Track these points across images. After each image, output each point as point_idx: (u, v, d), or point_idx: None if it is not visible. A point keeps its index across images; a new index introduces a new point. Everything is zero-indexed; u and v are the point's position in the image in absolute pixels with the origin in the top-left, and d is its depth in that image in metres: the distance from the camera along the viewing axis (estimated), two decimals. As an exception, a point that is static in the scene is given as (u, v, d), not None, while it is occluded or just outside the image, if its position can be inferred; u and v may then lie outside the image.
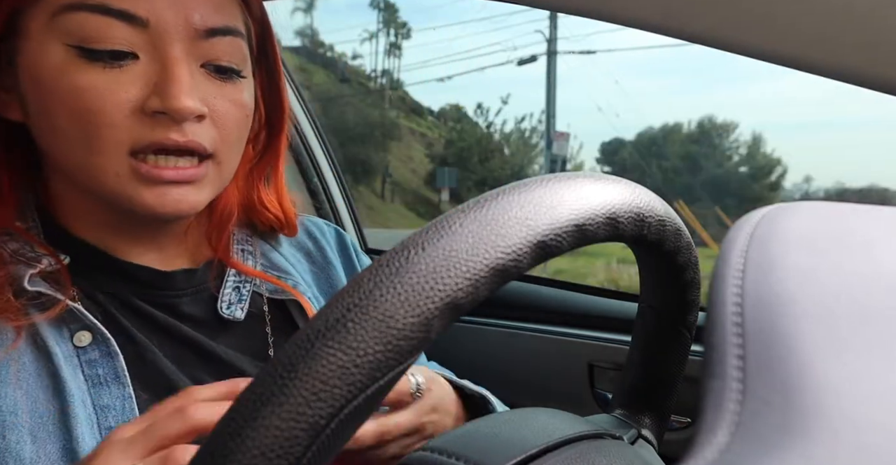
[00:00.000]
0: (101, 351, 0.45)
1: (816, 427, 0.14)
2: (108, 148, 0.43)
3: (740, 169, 21.25)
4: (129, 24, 0.42)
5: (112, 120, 0.43)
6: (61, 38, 0.42)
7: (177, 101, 0.43)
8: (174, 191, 0.45)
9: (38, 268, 0.45)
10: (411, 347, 0.23)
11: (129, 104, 0.43)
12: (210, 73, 0.47)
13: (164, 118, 0.44)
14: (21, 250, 0.46)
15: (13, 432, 0.41)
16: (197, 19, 0.44)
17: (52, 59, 0.42)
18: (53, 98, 0.43)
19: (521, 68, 20.05)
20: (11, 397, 0.42)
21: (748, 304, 0.18)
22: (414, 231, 0.25)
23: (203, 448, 0.22)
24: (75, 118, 0.43)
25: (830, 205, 0.22)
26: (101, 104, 0.42)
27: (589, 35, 21.11)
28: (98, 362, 0.45)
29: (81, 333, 0.45)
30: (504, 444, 0.31)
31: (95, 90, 0.42)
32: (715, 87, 44.46)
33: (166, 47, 0.44)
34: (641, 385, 0.44)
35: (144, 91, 0.43)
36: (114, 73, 0.43)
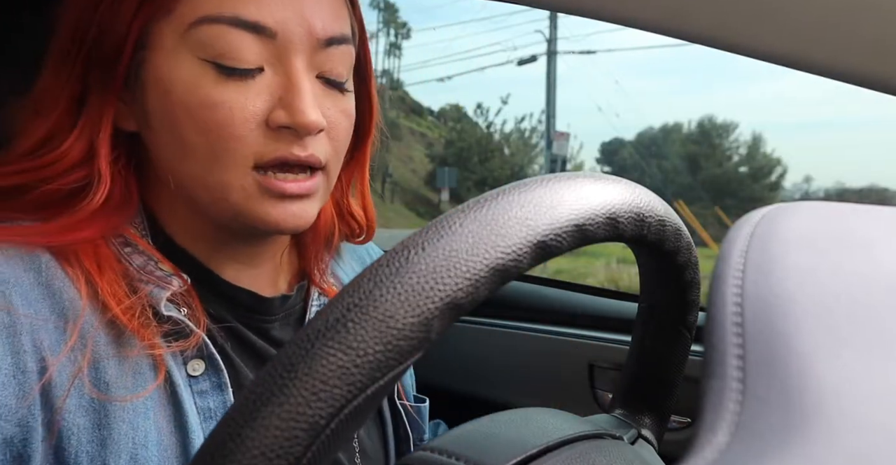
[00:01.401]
0: (212, 383, 0.44)
1: (816, 427, 0.14)
2: (234, 163, 0.43)
3: (740, 169, 21.25)
4: (258, 36, 0.42)
5: (240, 133, 0.42)
6: (194, 51, 0.42)
7: (304, 116, 0.42)
8: (295, 205, 0.45)
9: (170, 290, 0.43)
10: (411, 347, 0.23)
11: (256, 118, 0.43)
12: (324, 84, 0.46)
13: (288, 132, 0.43)
14: (147, 267, 0.44)
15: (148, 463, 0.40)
16: (319, 28, 0.44)
17: (184, 73, 0.42)
18: (183, 111, 0.42)
19: (521, 68, 20.06)
20: (143, 429, 0.40)
21: (748, 304, 0.18)
22: (414, 231, 0.25)
23: (203, 448, 0.22)
24: (204, 132, 0.42)
25: (830, 205, 0.22)
26: (231, 118, 0.42)
27: (589, 35, 21.13)
28: (209, 394, 0.44)
29: (196, 361, 0.44)
30: (504, 444, 0.31)
31: (225, 104, 0.42)
32: (715, 87, 44.45)
33: (291, 59, 0.43)
34: (641, 385, 0.44)
35: (269, 104, 0.43)
36: (244, 87, 0.42)
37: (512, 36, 36.73)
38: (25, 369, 0.37)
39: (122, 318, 0.40)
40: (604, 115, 27.96)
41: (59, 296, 0.40)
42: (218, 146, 0.42)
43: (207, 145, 0.42)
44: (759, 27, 0.52)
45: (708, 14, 0.52)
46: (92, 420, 0.39)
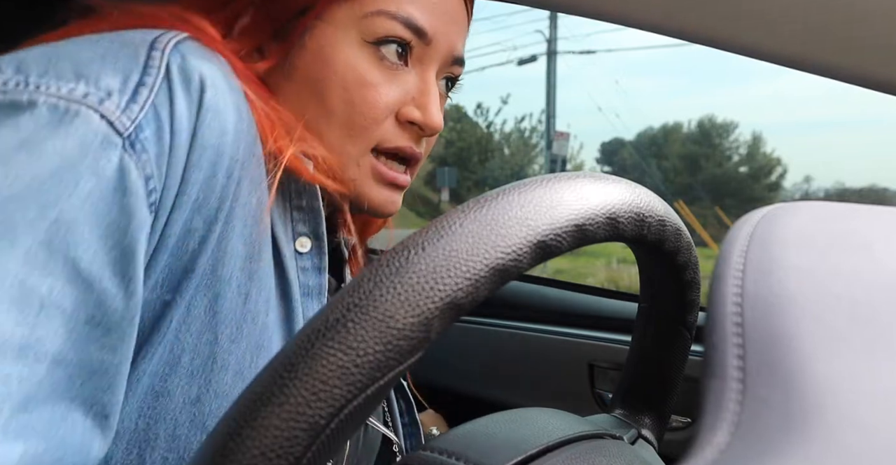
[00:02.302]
0: (314, 263, 0.47)
1: (816, 427, 0.14)
2: (362, 139, 0.47)
3: (740, 169, 21.25)
4: (417, 37, 0.47)
5: (378, 116, 0.47)
6: (361, 34, 0.46)
7: (435, 118, 0.48)
8: (395, 194, 0.50)
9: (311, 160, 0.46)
10: (411, 347, 0.23)
11: (393, 107, 0.48)
12: (441, 92, 0.52)
13: (413, 128, 0.49)
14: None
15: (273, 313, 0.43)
16: (458, 47, 0.51)
17: (345, 50, 0.46)
18: (337, 83, 0.46)
19: (521, 68, 20.06)
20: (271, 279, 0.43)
21: (748, 304, 0.18)
22: (414, 231, 0.25)
23: (203, 448, 0.22)
24: (350, 104, 0.46)
25: (830, 205, 0.22)
26: (376, 99, 0.47)
27: (589, 35, 21.15)
28: (310, 271, 0.47)
29: (304, 238, 0.47)
30: (504, 444, 0.31)
31: (376, 87, 0.47)
32: (715, 87, 44.46)
33: (430, 65, 0.49)
34: (641, 385, 0.44)
35: (404, 99, 0.48)
36: (391, 75, 0.47)
37: (512, 36, 36.70)
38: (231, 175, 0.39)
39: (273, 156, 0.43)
40: (604, 115, 27.96)
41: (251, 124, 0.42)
42: (356, 121, 0.47)
43: (347, 116, 0.47)
44: (759, 27, 0.52)
45: (708, 14, 0.52)
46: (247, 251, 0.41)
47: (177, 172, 0.36)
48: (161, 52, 0.37)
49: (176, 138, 0.36)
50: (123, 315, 0.34)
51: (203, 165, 0.37)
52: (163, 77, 0.36)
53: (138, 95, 0.35)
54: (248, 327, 0.41)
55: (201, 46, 0.40)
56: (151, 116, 0.35)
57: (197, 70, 0.38)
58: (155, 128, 0.35)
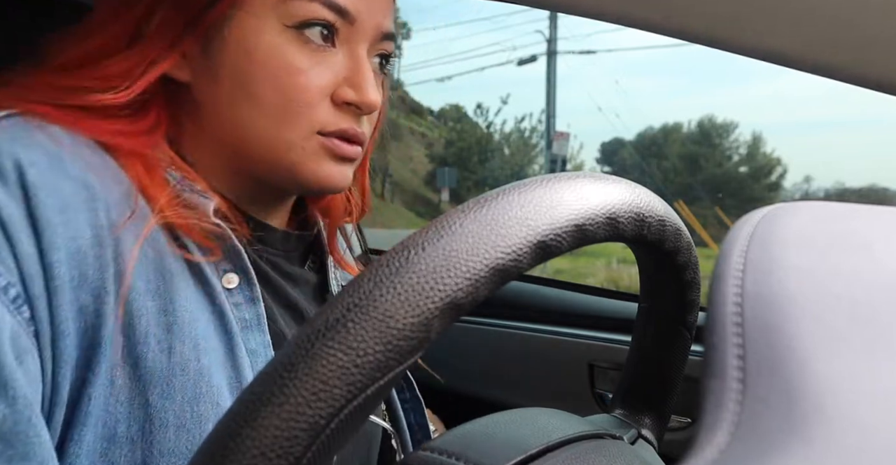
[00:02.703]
0: (245, 296, 0.46)
1: (816, 427, 0.14)
2: (301, 125, 0.47)
3: (740, 169, 21.25)
4: (340, 17, 0.47)
5: (312, 100, 0.46)
6: (282, 19, 0.45)
7: (370, 95, 0.47)
8: (344, 167, 0.49)
9: (215, 202, 0.46)
10: (411, 347, 0.23)
11: (325, 90, 0.47)
12: (374, 69, 0.51)
13: (351, 109, 0.48)
14: (185, 181, 0.46)
15: (206, 356, 0.41)
16: (385, 23, 0.50)
17: (266, 37, 0.45)
18: (263, 73, 0.45)
19: (521, 68, 20.05)
20: (202, 322, 0.42)
21: (748, 304, 0.18)
22: (414, 231, 0.25)
23: (203, 448, 0.22)
24: (280, 93, 0.46)
25: (830, 205, 0.22)
26: (307, 84, 0.46)
27: (589, 35, 21.12)
28: (243, 305, 0.46)
29: (230, 275, 0.46)
30: (504, 444, 0.31)
31: (305, 71, 0.46)
32: (715, 87, 44.45)
33: (360, 44, 0.48)
34: (641, 385, 0.44)
35: (336, 80, 0.47)
36: (318, 58, 0.46)
37: (512, 36, 36.70)
38: (102, 242, 0.38)
39: (167, 211, 0.42)
40: (604, 115, 27.93)
41: (122, 182, 0.42)
42: (290, 108, 0.46)
43: (280, 106, 0.46)
44: (759, 27, 0.52)
45: (708, 14, 0.52)
46: (159, 306, 0.40)
47: (31, 259, 0.35)
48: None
49: (9, 228, 0.35)
50: (16, 420, 0.33)
51: (58, 243, 0.36)
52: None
53: None
54: (179, 380, 0.40)
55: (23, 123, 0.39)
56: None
57: (8, 154, 0.36)
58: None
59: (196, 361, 0.41)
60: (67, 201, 0.37)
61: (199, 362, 0.41)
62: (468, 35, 39.28)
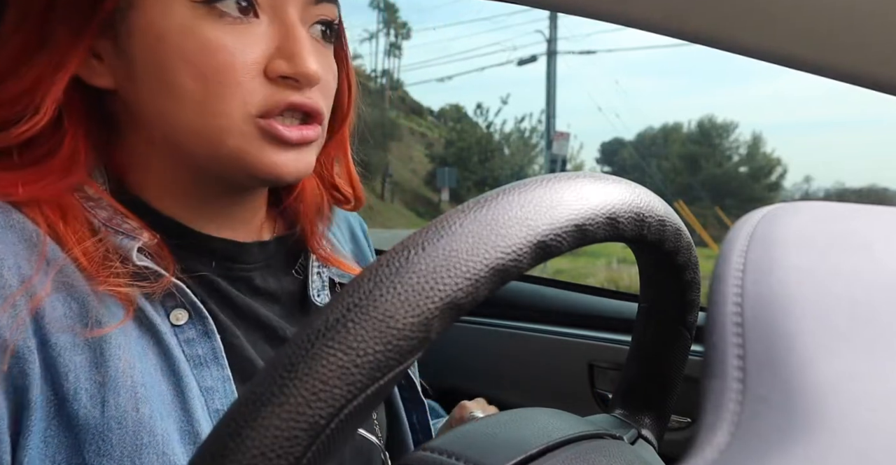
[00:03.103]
0: (198, 331, 0.44)
1: (816, 427, 0.14)
2: (234, 109, 0.42)
3: (740, 169, 21.25)
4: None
5: (240, 80, 0.42)
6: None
7: (306, 65, 0.42)
8: (296, 153, 0.44)
9: (141, 241, 0.43)
10: (411, 347, 0.23)
11: (255, 66, 0.42)
12: (315, 38, 0.46)
13: (288, 83, 0.43)
14: (114, 221, 0.43)
15: (146, 405, 0.39)
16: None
17: (176, 18, 0.41)
18: (178, 57, 0.41)
19: (521, 68, 20.05)
20: (139, 369, 0.40)
21: (748, 304, 0.18)
22: (414, 231, 0.25)
23: (203, 448, 0.22)
24: (201, 78, 0.41)
25: (830, 205, 0.22)
26: (230, 62, 0.41)
27: (589, 35, 21.12)
28: (196, 341, 0.43)
29: (178, 311, 0.44)
30: (504, 444, 0.31)
31: (225, 48, 0.41)
32: (715, 87, 44.44)
33: (286, 8, 0.43)
34: (641, 385, 0.44)
35: (267, 53, 0.42)
36: (239, 31, 0.42)
37: (512, 36, 36.69)
38: (16, 304, 0.37)
39: (82, 259, 0.40)
40: (604, 115, 27.93)
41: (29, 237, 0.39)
42: (216, 92, 0.41)
43: (204, 92, 0.41)
44: (759, 27, 0.52)
45: (708, 14, 0.52)
46: (88, 359, 0.38)
47: None
48: None
49: None
50: None
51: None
52: None
53: None
54: (116, 434, 0.38)
55: None
56: None
57: None
58: None
59: (134, 411, 0.39)
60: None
61: (138, 412, 0.39)
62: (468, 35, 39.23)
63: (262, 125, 0.43)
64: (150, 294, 0.42)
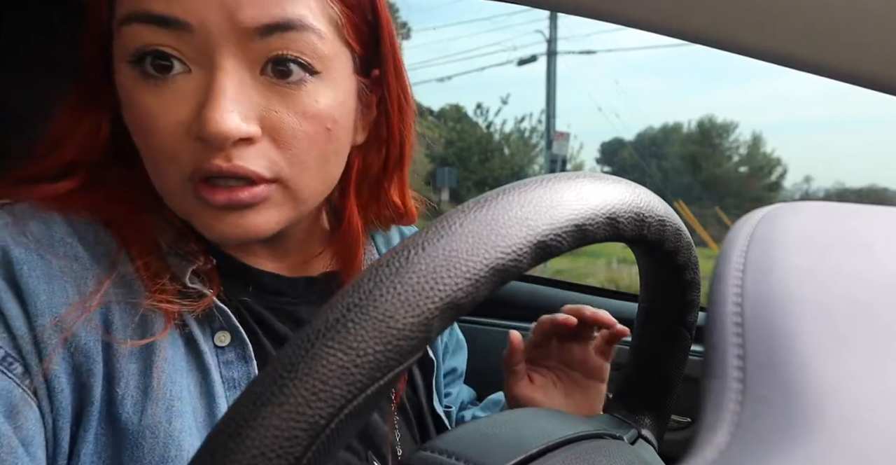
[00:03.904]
0: (238, 354, 0.45)
1: (817, 427, 0.14)
2: (169, 172, 0.41)
3: (740, 169, 21.25)
4: (174, 32, 0.38)
5: (166, 143, 0.40)
6: (124, 56, 0.40)
7: (210, 124, 0.38)
8: (236, 216, 0.42)
9: (197, 264, 0.45)
10: (411, 347, 0.23)
11: (180, 127, 0.39)
12: (272, 80, 0.40)
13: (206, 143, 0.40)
14: (176, 243, 0.46)
15: (179, 419, 0.40)
16: (246, 16, 0.38)
17: (123, 81, 0.41)
18: (128, 120, 0.42)
19: (521, 68, 20.03)
20: (178, 384, 0.41)
21: (748, 304, 0.18)
22: (414, 231, 0.25)
23: (203, 448, 0.22)
24: (143, 140, 0.42)
25: (830, 205, 0.22)
26: (156, 127, 0.40)
27: (589, 35, 21.10)
28: (234, 364, 0.45)
29: (222, 333, 0.45)
30: (504, 444, 0.31)
31: (149, 111, 0.40)
32: (715, 87, 44.46)
33: (213, 55, 0.38)
34: (641, 385, 0.44)
35: (194, 111, 0.39)
36: (164, 92, 0.39)
37: (512, 36, 36.67)
38: (89, 306, 0.40)
39: (143, 273, 0.43)
40: (604, 115, 27.91)
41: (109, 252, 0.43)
42: (154, 154, 0.41)
43: (148, 153, 0.42)
44: (759, 27, 0.52)
45: (708, 14, 0.52)
46: (138, 368, 0.40)
47: (19, 322, 0.37)
48: None
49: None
50: None
51: (43, 309, 0.38)
52: None
53: None
54: (148, 442, 0.39)
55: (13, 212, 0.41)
56: None
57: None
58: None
59: (167, 423, 0.40)
60: (53, 273, 0.39)
61: (171, 424, 0.40)
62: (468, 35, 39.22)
63: (193, 188, 0.41)
64: (193, 312, 0.44)
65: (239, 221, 0.42)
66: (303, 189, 0.44)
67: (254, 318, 0.48)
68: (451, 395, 0.70)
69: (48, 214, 0.42)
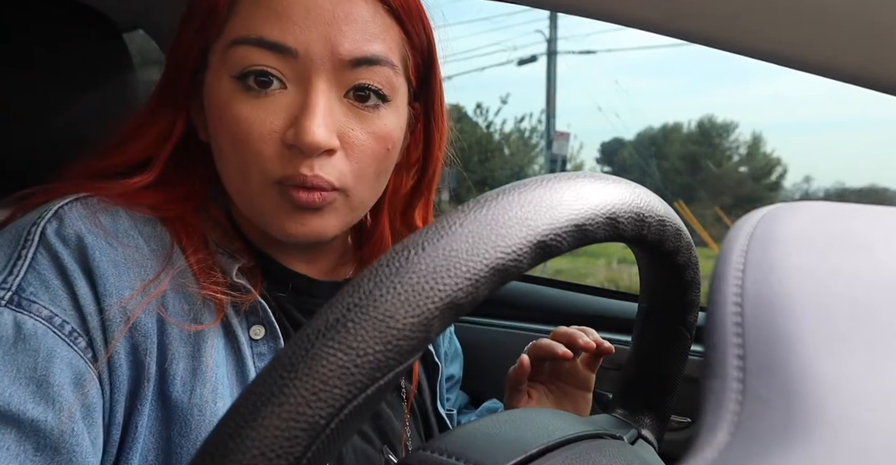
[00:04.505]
0: (269, 347, 0.49)
1: (816, 427, 0.14)
2: (254, 176, 0.46)
3: (740, 169, 21.24)
4: (280, 55, 0.45)
5: (258, 149, 0.46)
6: (228, 70, 0.46)
7: (306, 135, 0.44)
8: (307, 218, 0.48)
9: (242, 262, 0.50)
10: (411, 347, 0.23)
11: (273, 135, 0.45)
12: (353, 103, 0.47)
13: (299, 151, 0.45)
14: (223, 241, 0.51)
15: (221, 400, 0.45)
16: (345, 49, 0.45)
17: (221, 90, 0.46)
18: (220, 126, 0.47)
19: (521, 68, 20.03)
20: (222, 368, 0.46)
21: (748, 304, 0.18)
22: (414, 231, 0.25)
23: (203, 448, 0.22)
24: (232, 146, 0.46)
25: (830, 205, 0.22)
26: (249, 134, 0.45)
27: (589, 35, 21.09)
28: (265, 356, 0.49)
29: (257, 326, 0.49)
30: (504, 444, 0.31)
31: (247, 120, 0.45)
32: (715, 87, 44.45)
33: (311, 78, 0.45)
34: (642, 385, 0.44)
35: (287, 123, 0.45)
36: (263, 104, 0.45)
37: (512, 36, 36.65)
38: (149, 293, 0.44)
39: (195, 266, 0.47)
40: (604, 115, 27.90)
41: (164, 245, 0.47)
42: (244, 160, 0.46)
43: (236, 159, 0.47)
44: (759, 27, 0.52)
45: (708, 14, 0.52)
46: (188, 351, 0.45)
47: (87, 300, 0.42)
48: (37, 226, 0.43)
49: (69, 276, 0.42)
50: (62, 430, 0.38)
51: (111, 290, 0.42)
52: (36, 246, 0.42)
53: (15, 267, 0.41)
54: (196, 419, 0.44)
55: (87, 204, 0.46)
56: (32, 277, 0.41)
57: (71, 227, 0.44)
58: (39, 283, 0.41)
59: (213, 403, 0.44)
60: (119, 260, 0.44)
61: (216, 404, 0.44)
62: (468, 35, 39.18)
63: (280, 191, 0.47)
64: (238, 306, 0.49)
65: (310, 222, 0.48)
66: (360, 199, 0.50)
67: (286, 315, 0.53)
68: (451, 400, 0.73)
69: (115, 208, 0.47)
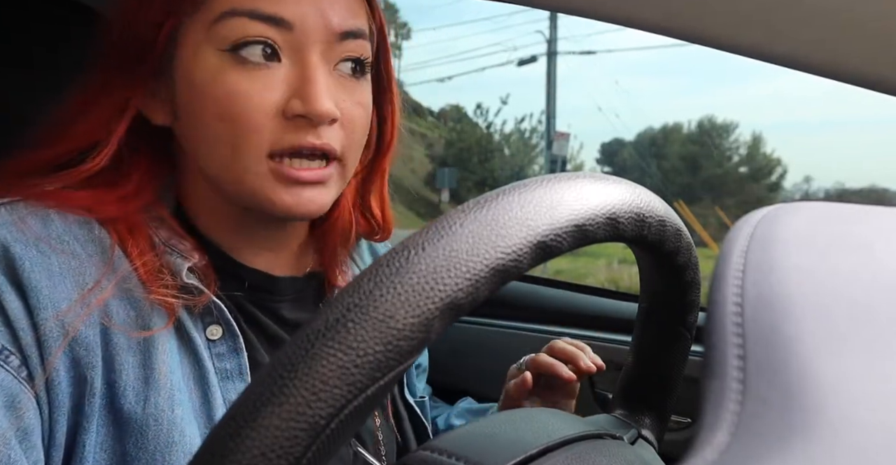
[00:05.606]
0: (228, 346, 0.48)
1: (816, 427, 0.14)
2: (251, 150, 0.45)
3: (740, 169, 21.23)
4: (276, 27, 0.44)
5: (257, 122, 0.45)
6: (215, 44, 0.45)
7: (318, 104, 0.44)
8: (307, 191, 0.47)
9: (192, 262, 0.48)
10: (411, 347, 0.23)
11: (272, 107, 0.45)
12: (342, 75, 0.48)
13: (303, 121, 0.45)
14: (172, 240, 0.49)
15: (179, 407, 0.43)
16: (335, 22, 0.46)
17: (206, 65, 0.45)
18: (206, 102, 0.45)
19: (521, 68, 20.02)
20: (177, 374, 0.44)
21: (748, 304, 0.18)
22: (414, 231, 0.25)
23: (203, 448, 0.22)
24: (224, 121, 0.45)
25: (830, 205, 0.22)
26: (247, 107, 0.44)
27: (589, 35, 21.07)
28: (225, 356, 0.47)
29: (214, 327, 0.48)
30: (504, 444, 0.31)
31: (244, 94, 0.44)
32: (715, 87, 44.42)
33: (307, 51, 0.46)
34: (641, 385, 0.44)
35: (286, 94, 0.45)
36: (259, 76, 0.45)
37: (512, 36, 36.62)
38: (90, 303, 0.42)
39: (141, 270, 0.45)
40: (604, 115, 27.88)
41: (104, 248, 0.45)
42: (237, 134, 0.45)
43: (228, 133, 0.45)
44: (759, 27, 0.52)
45: (708, 14, 0.52)
46: (138, 360, 0.43)
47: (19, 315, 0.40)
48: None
49: None
50: None
51: (45, 303, 0.40)
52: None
53: None
54: (153, 430, 0.42)
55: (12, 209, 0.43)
56: None
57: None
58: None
59: (170, 411, 0.43)
60: (53, 269, 0.41)
61: (173, 412, 0.43)
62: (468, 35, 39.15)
63: (273, 166, 0.46)
64: (192, 308, 0.47)
65: (311, 197, 0.47)
66: (349, 169, 0.51)
67: (243, 313, 0.51)
68: (419, 388, 0.73)
69: (45, 211, 0.44)
